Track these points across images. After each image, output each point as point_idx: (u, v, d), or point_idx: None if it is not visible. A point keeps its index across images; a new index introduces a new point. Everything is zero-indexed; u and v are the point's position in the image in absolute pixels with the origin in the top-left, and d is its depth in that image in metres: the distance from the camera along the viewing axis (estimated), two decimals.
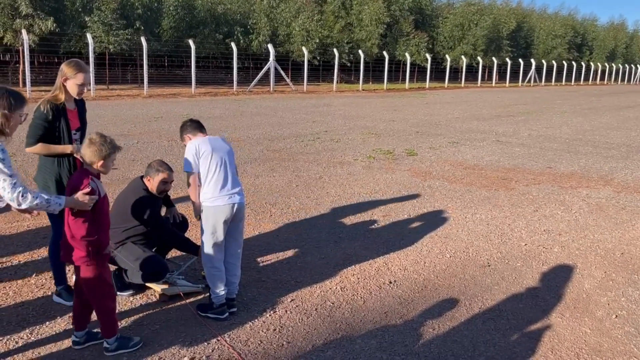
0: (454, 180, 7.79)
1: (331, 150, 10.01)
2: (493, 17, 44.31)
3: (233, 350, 3.08)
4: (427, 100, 24.72)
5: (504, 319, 3.57)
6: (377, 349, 3.15)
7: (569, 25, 56.25)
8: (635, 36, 71.90)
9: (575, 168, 9.01)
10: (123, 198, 3.72)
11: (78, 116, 3.49)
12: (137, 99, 19.57)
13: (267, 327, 3.38)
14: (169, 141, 10.29)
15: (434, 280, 4.19)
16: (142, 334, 3.21)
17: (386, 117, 16.27)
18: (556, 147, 11.28)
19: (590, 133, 13.91)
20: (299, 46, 31.09)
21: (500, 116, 17.69)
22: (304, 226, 5.45)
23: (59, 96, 3.33)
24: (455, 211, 6.17)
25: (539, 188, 7.45)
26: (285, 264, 4.44)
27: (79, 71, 3.31)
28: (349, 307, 3.68)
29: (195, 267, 4.22)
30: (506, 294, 3.96)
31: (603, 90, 42.51)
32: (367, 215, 5.90)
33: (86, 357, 2.97)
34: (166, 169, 3.71)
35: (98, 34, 23.52)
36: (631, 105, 25.81)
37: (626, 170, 9.00)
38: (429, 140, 11.56)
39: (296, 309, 3.64)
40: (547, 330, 3.43)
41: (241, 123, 13.49)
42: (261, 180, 7.34)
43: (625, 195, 7.22)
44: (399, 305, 3.74)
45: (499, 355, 3.13)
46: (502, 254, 4.81)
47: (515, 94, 32.47)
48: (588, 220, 5.96)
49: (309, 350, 3.13)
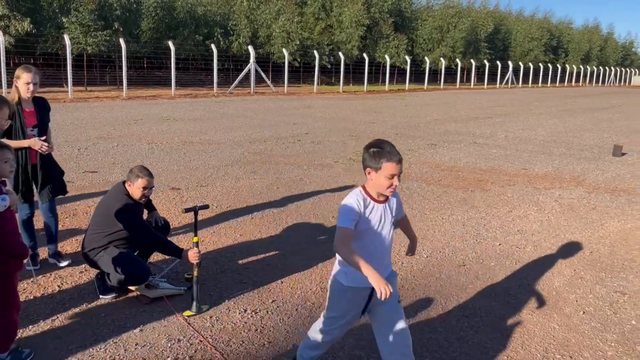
0: (431, 181, 7.96)
1: (312, 152, 10.12)
2: (471, 19, 44.98)
3: (215, 350, 3.16)
4: (406, 102, 25.00)
5: (477, 316, 3.71)
6: (355, 347, 3.26)
7: (545, 28, 57.37)
8: (610, 39, 73.59)
9: (549, 169, 9.27)
10: (105, 203, 3.76)
11: (35, 114, 3.99)
12: (116, 101, 19.42)
13: (249, 327, 3.46)
14: (149, 144, 10.28)
15: (411, 280, 4.32)
16: (124, 336, 3.26)
17: (366, 119, 16.45)
18: (531, 148, 11.56)
19: (565, 134, 14.27)
20: (280, 48, 31.15)
21: (477, 118, 18.00)
22: (285, 228, 5.54)
23: (14, 98, 3.85)
24: (432, 212, 6.32)
25: (513, 189, 7.66)
26: (267, 266, 4.52)
27: (23, 72, 3.83)
28: None
29: (177, 269, 4.28)
30: (480, 293, 4.11)
31: (578, 91, 43.42)
32: None
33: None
34: (146, 175, 3.75)
35: (75, 35, 23.26)
36: (605, 106, 26.46)
37: (597, 171, 9.29)
38: (408, 142, 11.74)
39: (277, 309, 3.73)
40: (518, 326, 3.58)
41: (221, 125, 13.51)
42: (242, 183, 7.41)
43: (596, 195, 7.47)
44: None
45: (472, 351, 3.27)
46: (477, 253, 4.97)
47: (493, 95, 33.00)
48: (560, 220, 6.16)
49: (289, 349, 3.22)
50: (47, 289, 3.90)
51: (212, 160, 8.90)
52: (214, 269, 4.39)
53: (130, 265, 3.62)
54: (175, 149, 9.87)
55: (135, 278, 3.64)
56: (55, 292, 3.85)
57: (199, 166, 8.42)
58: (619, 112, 23.46)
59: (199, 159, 9.02)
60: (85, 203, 6.13)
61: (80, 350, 3.11)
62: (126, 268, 3.59)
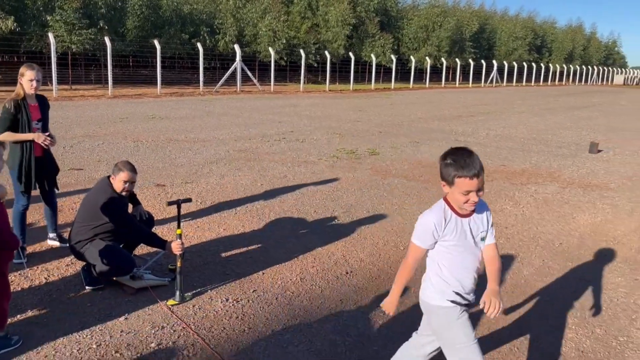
0: (412, 178, 8.16)
1: (296, 150, 10.27)
2: (456, 19, 45.45)
3: (197, 336, 3.31)
4: (392, 100, 25.25)
5: None
6: (331, 331, 3.44)
7: (529, 28, 58.13)
8: (592, 38, 74.72)
9: (527, 165, 9.53)
10: (90, 197, 3.89)
11: (39, 109, 4.33)
12: (101, 100, 19.40)
13: (230, 315, 3.62)
14: (135, 142, 10.36)
15: (387, 270, 4.51)
16: (110, 324, 3.40)
17: (351, 117, 16.64)
18: (511, 145, 11.83)
19: (544, 132, 14.59)
20: (266, 46, 31.23)
21: (461, 116, 18.29)
22: (267, 223, 5.70)
23: (19, 93, 4.19)
24: (411, 207, 6.52)
25: (491, 184, 7.89)
26: (249, 259, 4.68)
27: (27, 70, 4.19)
28: (307, 296, 3.96)
29: (161, 262, 4.42)
30: None
31: (561, 90, 44.08)
32: (328, 212, 6.18)
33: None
34: (128, 169, 3.88)
35: (60, 34, 23.16)
36: (586, 105, 26.95)
37: (573, 167, 9.57)
38: (391, 140, 11.95)
39: (258, 298, 3.89)
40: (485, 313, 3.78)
41: (207, 123, 13.61)
42: (227, 180, 7.54)
43: (570, 190, 7.73)
44: (353, 293, 4.03)
45: None
46: None
47: (477, 94, 33.41)
48: (534, 214, 6.40)
49: (268, 334, 3.38)
50: (35, 281, 4.02)
51: (197, 158, 9.02)
52: (198, 262, 4.54)
53: (115, 257, 3.76)
54: (161, 146, 9.97)
55: (121, 269, 3.78)
56: (42, 284, 3.97)
57: (184, 163, 8.54)
58: (598, 110, 23.94)
59: (184, 156, 9.13)
60: (71, 199, 6.23)
61: (66, 337, 3.25)
62: (112, 260, 3.72)
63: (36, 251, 4.59)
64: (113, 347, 3.15)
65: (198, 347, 3.20)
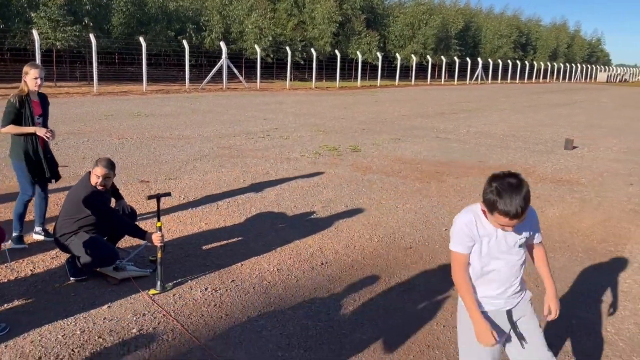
0: (391, 173, 8.40)
1: (280, 147, 10.46)
2: (442, 16, 45.80)
3: (177, 322, 3.51)
4: (377, 98, 25.50)
5: (416, 291, 4.14)
6: (303, 317, 3.65)
7: (514, 26, 58.74)
8: (576, 36, 75.66)
9: (504, 162, 9.82)
10: (74, 191, 4.06)
11: (40, 105, 4.67)
12: (86, 97, 19.40)
13: (209, 303, 3.81)
14: (120, 139, 10.48)
15: (361, 261, 4.73)
16: (93, 312, 3.58)
17: (336, 114, 16.85)
18: (490, 142, 12.13)
19: (524, 129, 14.92)
20: (252, 44, 31.31)
21: (444, 113, 18.59)
22: (248, 217, 5.89)
23: (23, 89, 4.52)
24: (388, 201, 6.75)
25: (467, 180, 8.15)
26: (229, 251, 4.87)
27: (31, 68, 4.54)
28: (283, 285, 4.17)
29: (143, 254, 4.60)
30: (422, 271, 4.54)
31: (545, 88, 44.69)
32: (307, 207, 6.39)
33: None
34: (102, 165, 4.03)
35: (44, 31, 23.06)
36: (567, 102, 27.43)
37: (548, 163, 9.88)
38: (373, 137, 12.18)
39: (235, 288, 4.09)
40: (450, 298, 4.02)
41: (192, 121, 13.74)
42: (210, 176, 7.72)
43: (542, 185, 8.02)
44: (327, 282, 4.25)
45: (408, 319, 3.68)
46: (424, 237, 5.41)
47: (462, 91, 33.79)
48: None
49: (244, 321, 3.59)
50: (20, 272, 4.18)
51: (181, 155, 9.18)
52: (179, 254, 4.72)
53: (99, 248, 3.93)
54: (146, 144, 10.10)
55: (104, 260, 3.95)
56: (28, 276, 4.14)
57: (168, 160, 8.69)
58: (579, 107, 24.40)
59: (168, 153, 9.28)
60: (56, 196, 6.36)
61: (51, 324, 3.42)
62: (95, 251, 3.90)
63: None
64: (96, 333, 3.33)
65: (177, 333, 3.39)
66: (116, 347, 3.19)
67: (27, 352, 3.10)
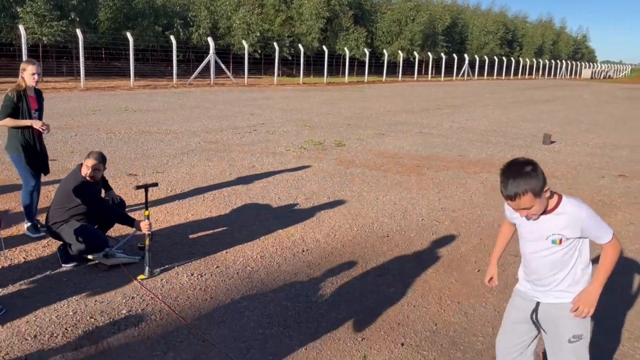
0: (373, 167, 8.66)
1: (266, 141, 10.68)
2: (429, 13, 46.15)
3: (164, 304, 3.74)
4: (363, 94, 25.76)
5: (390, 275, 4.41)
6: (284, 299, 3.90)
7: (501, 22, 59.29)
8: (562, 33, 76.52)
9: (483, 156, 10.13)
10: (65, 181, 4.26)
11: (36, 100, 4.90)
12: (73, 92, 19.43)
13: (194, 287, 4.05)
14: (108, 133, 10.63)
15: (340, 249, 4.98)
16: (85, 295, 3.80)
17: (322, 110, 17.08)
18: (471, 137, 12.45)
19: (505, 125, 15.28)
20: (240, 39, 31.39)
21: (428, 109, 18.90)
22: (234, 209, 6.12)
23: (21, 85, 4.73)
24: (369, 194, 7.01)
25: (446, 173, 8.44)
26: (214, 240, 5.10)
27: (29, 65, 4.77)
28: (265, 271, 4.41)
29: (132, 243, 4.81)
30: (397, 257, 4.81)
31: (530, 84, 45.25)
32: (291, 199, 6.63)
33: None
34: (93, 157, 4.24)
35: (31, 25, 22.99)
36: (550, 99, 27.91)
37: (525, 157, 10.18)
38: (358, 132, 12.44)
39: (220, 273, 4.32)
40: (422, 281, 4.29)
41: (180, 116, 13.89)
42: (196, 170, 7.92)
43: None
44: (307, 268, 4.49)
45: (381, 300, 3.95)
46: (400, 227, 5.68)
47: (448, 88, 34.17)
48: (480, 199, 6.96)
49: (228, 302, 3.82)
50: (14, 260, 4.37)
51: (169, 149, 9.36)
52: (166, 243, 4.94)
53: (89, 236, 4.14)
54: (133, 138, 10.27)
55: (95, 247, 4.16)
56: (21, 263, 4.33)
57: (156, 154, 8.87)
58: (562, 104, 24.87)
59: (156, 147, 9.46)
60: (45, 188, 6.52)
61: (46, 306, 3.63)
62: (86, 238, 4.11)
63: (13, 234, 4.93)
64: (88, 314, 3.55)
65: (164, 313, 3.62)
66: (107, 327, 3.41)
67: (23, 330, 3.31)
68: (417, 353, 3.26)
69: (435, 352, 3.27)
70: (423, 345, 3.35)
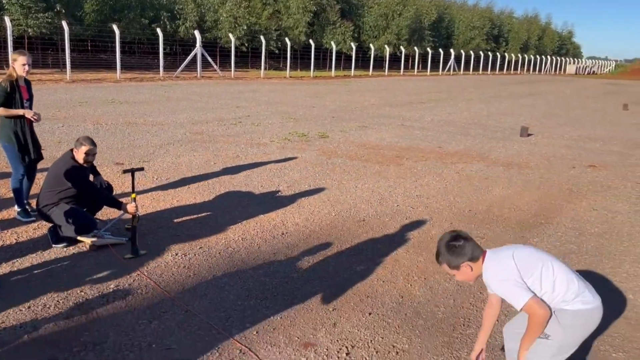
0: (354, 157, 8.95)
1: (251, 133, 10.92)
2: (416, 7, 46.44)
3: (150, 279, 3.99)
4: (349, 88, 26.03)
5: (363, 255, 4.70)
6: (262, 275, 4.17)
7: (487, 18, 59.80)
8: (547, 29, 77.33)
9: (461, 147, 10.47)
10: (55, 166, 4.49)
11: (27, 90, 5.11)
12: (59, 84, 19.45)
13: (178, 265, 4.31)
14: (94, 124, 10.79)
15: (318, 232, 5.27)
16: (74, 272, 4.04)
17: (308, 103, 17.33)
18: (451, 130, 12.79)
19: (486, 118, 15.66)
20: (227, 33, 31.44)
21: (412, 103, 19.24)
22: (217, 196, 6.37)
23: (12, 75, 4.91)
24: (348, 182, 7.30)
25: (424, 164, 8.76)
26: (198, 224, 5.35)
27: (19, 55, 4.96)
28: (246, 251, 4.68)
29: (119, 226, 5.05)
30: (371, 239, 5.11)
31: (515, 79, 45.84)
32: (274, 186, 6.89)
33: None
34: (89, 143, 4.49)
35: (16, 17, 22.88)
36: (532, 93, 28.42)
37: (502, 149, 10.56)
38: (342, 125, 12.72)
39: (203, 253, 4.59)
40: (393, 259, 4.59)
41: (166, 108, 14.06)
42: (182, 159, 8.15)
43: (493, 168, 8.68)
44: (286, 249, 4.77)
45: (353, 276, 4.24)
46: (377, 212, 5.98)
47: (433, 82, 34.56)
48: (454, 188, 7.28)
49: (210, 279, 4.09)
50: (6, 241, 4.59)
51: (155, 140, 9.56)
52: (152, 226, 5.18)
53: (78, 217, 4.37)
54: (120, 129, 10.44)
55: (84, 228, 4.40)
56: (13, 244, 4.56)
57: (142, 145, 9.07)
58: (543, 98, 25.36)
59: (142, 138, 9.66)
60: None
61: (38, 282, 3.87)
62: (75, 220, 4.34)
63: (4, 218, 5.14)
64: (78, 288, 3.80)
65: (150, 288, 3.88)
66: (96, 299, 3.66)
67: (18, 302, 3.55)
68: (383, 321, 3.56)
69: (399, 320, 3.58)
70: (389, 314, 3.65)
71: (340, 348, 3.22)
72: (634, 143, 12.06)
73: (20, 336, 3.17)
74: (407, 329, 3.48)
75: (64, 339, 3.16)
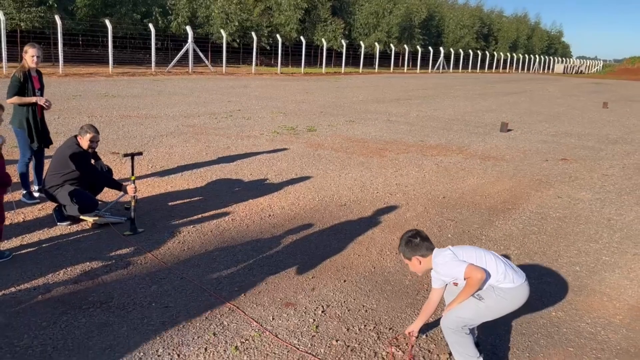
0: (340, 150, 9.41)
1: (241, 126, 11.34)
2: (406, 6, 46.97)
3: (148, 252, 4.43)
4: (339, 84, 26.47)
5: (342, 233, 5.16)
6: (250, 249, 4.62)
7: (477, 16, 60.52)
8: (536, 28, 78.29)
9: (442, 141, 10.96)
10: (60, 150, 4.90)
11: (38, 80, 5.57)
12: (52, 78, 19.70)
13: (173, 241, 4.74)
14: (89, 117, 11.15)
15: (302, 214, 5.72)
16: (79, 245, 4.47)
17: (298, 99, 17.75)
18: (435, 125, 13.29)
19: (469, 115, 16.18)
20: (218, 28, 31.75)
21: (399, 99, 19.73)
22: (209, 182, 6.80)
23: (25, 66, 5.37)
24: (333, 172, 7.76)
25: (406, 156, 9.24)
26: (191, 207, 5.79)
27: (30, 47, 5.37)
28: (236, 230, 5.12)
29: (119, 207, 5.47)
30: (350, 220, 5.57)
31: (503, 78, 46.52)
32: (262, 175, 7.33)
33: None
34: (93, 131, 4.91)
35: (9, 11, 23.06)
36: (517, 91, 29.03)
37: (481, 143, 11.07)
38: (330, 119, 13.17)
39: (196, 232, 5.02)
40: (368, 238, 5.06)
41: (158, 101, 14.42)
42: (175, 150, 8.56)
43: (470, 160, 9.17)
44: (272, 228, 5.22)
45: (331, 251, 4.69)
46: (357, 198, 6.44)
47: (421, 80, 35.10)
48: (432, 177, 7.76)
49: (202, 252, 4.53)
50: (14, 220, 5.00)
51: (149, 131, 9.96)
52: (148, 208, 5.61)
53: (82, 198, 4.79)
54: (114, 121, 10.82)
55: (86, 208, 4.82)
56: (20, 222, 4.97)
57: (136, 136, 9.47)
58: (528, 96, 25.97)
59: (136, 130, 10.04)
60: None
61: (46, 254, 4.29)
62: (79, 200, 4.76)
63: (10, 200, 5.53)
64: (83, 259, 4.22)
65: (148, 259, 4.31)
66: (100, 268, 4.09)
67: (30, 270, 3.97)
68: (356, 286, 4.03)
69: (370, 286, 4.05)
70: (361, 282, 4.12)
71: (317, 307, 3.68)
72: (607, 139, 12.63)
73: (35, 296, 3.59)
74: (376, 292, 3.95)
75: (74, 299, 3.58)
